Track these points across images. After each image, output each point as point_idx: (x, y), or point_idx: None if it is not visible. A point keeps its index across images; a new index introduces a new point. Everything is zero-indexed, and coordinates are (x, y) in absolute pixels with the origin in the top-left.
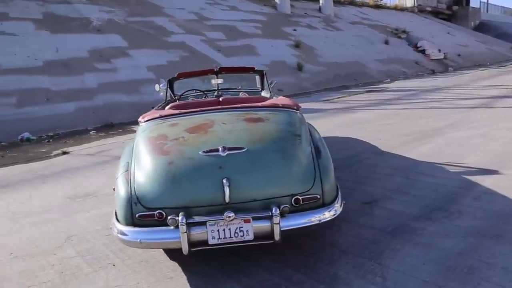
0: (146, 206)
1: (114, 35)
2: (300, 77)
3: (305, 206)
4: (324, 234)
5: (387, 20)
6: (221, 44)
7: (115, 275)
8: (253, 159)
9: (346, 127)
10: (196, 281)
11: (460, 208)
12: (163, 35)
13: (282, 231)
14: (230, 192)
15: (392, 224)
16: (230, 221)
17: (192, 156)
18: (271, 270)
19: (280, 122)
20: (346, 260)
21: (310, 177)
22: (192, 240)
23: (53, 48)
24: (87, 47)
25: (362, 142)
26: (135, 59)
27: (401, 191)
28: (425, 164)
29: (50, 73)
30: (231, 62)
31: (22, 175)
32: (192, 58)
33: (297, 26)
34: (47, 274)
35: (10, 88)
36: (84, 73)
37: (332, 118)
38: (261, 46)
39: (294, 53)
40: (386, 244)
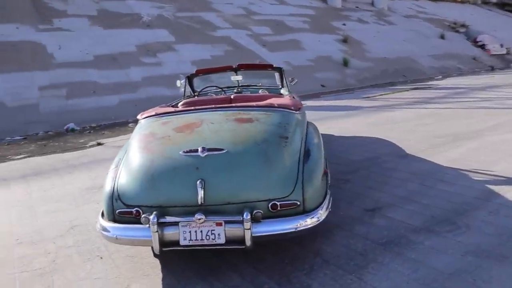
0: (125, 203)
1: (162, 30)
2: (345, 73)
3: (283, 212)
4: (313, 241)
5: (445, 13)
6: (267, 38)
7: (99, 267)
8: (231, 161)
9: (377, 127)
10: (170, 280)
11: (470, 221)
12: (209, 30)
13: (254, 237)
14: (204, 194)
15: (388, 235)
16: (200, 223)
17: (172, 156)
18: (245, 276)
19: (270, 123)
20: (325, 271)
21: (290, 182)
22: (164, 240)
23: (104, 43)
24: (135, 41)
25: (388, 144)
26: (180, 53)
27: (411, 199)
28: (448, 170)
29: (99, 66)
30: (275, 57)
31: (54, 164)
32: (236, 53)
33: (347, 21)
34: (41, 262)
35: (61, 81)
36: (130, 67)
37: (367, 116)
38: (307, 40)
39: (341, 48)
40: (374, 257)
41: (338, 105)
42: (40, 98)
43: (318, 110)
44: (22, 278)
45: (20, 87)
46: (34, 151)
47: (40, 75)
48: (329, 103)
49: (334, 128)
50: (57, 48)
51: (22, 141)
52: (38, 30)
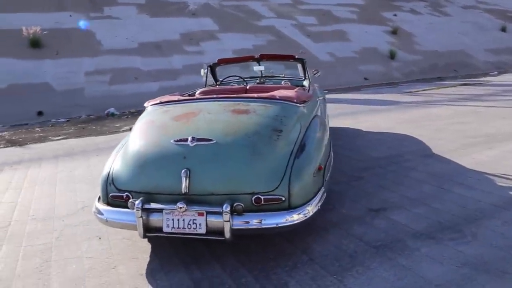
0: (117, 188)
1: (206, 18)
2: (391, 65)
3: (267, 207)
4: (304, 238)
5: (509, 3)
6: (312, 29)
7: (94, 247)
8: (218, 152)
9: (410, 123)
10: (155, 265)
11: (479, 230)
12: (254, 19)
13: (234, 229)
14: (189, 183)
15: (384, 238)
16: (182, 212)
17: (163, 144)
18: (226, 267)
19: (266, 115)
20: (308, 270)
21: (277, 176)
22: (149, 225)
23: (149, 31)
24: (180, 30)
25: (416, 142)
26: (223, 42)
27: (422, 201)
28: (473, 173)
29: (142, 54)
30: (319, 48)
31: (85, 146)
32: (278, 43)
33: (399, 11)
34: (46, 238)
35: (106, 67)
36: (173, 55)
37: (402, 112)
38: (353, 31)
39: (389, 40)
40: (362, 260)
41: (376, 99)
42: (85, 83)
43: (354, 104)
44: (25, 251)
45: (68, 72)
46: (72, 133)
47: (87, 61)
48: (368, 96)
49: (364, 122)
50: (105, 35)
51: (64, 124)
52: (89, 18)
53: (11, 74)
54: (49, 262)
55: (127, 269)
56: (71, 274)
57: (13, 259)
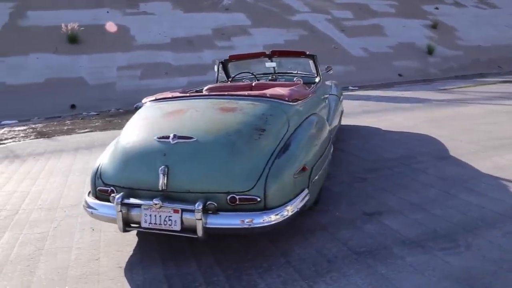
0: (104, 182)
1: (239, 13)
2: (428, 61)
3: (242, 207)
4: (288, 239)
5: None
6: (347, 23)
7: (85, 238)
8: (197, 150)
9: (434, 123)
10: (135, 259)
11: (475, 241)
12: (287, 14)
13: (208, 228)
14: (167, 180)
15: (370, 244)
16: (157, 208)
17: (147, 141)
18: (202, 265)
19: (252, 114)
20: (281, 273)
21: (253, 177)
22: (129, 220)
23: (182, 26)
24: (212, 25)
25: (434, 142)
26: (254, 37)
27: (423, 206)
28: (486, 178)
29: (174, 49)
30: (353, 42)
31: (106, 139)
32: (311, 38)
33: (441, 4)
34: (44, 227)
35: (138, 62)
36: (204, 50)
37: (429, 110)
38: (391, 26)
39: (428, 34)
40: (340, 266)
41: (406, 96)
42: (117, 77)
43: (381, 101)
44: (23, 239)
45: (102, 67)
46: (98, 126)
47: (120, 56)
48: (397, 94)
49: (386, 121)
50: (139, 31)
51: (94, 117)
52: (125, 14)
53: (49, 68)
54: (41, 250)
55: (109, 261)
56: (57, 263)
57: (11, 246)
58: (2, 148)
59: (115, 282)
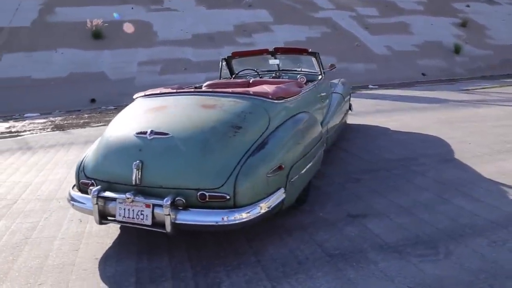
0: (86, 175)
1: (262, 10)
2: (455, 61)
3: (212, 204)
4: (263, 238)
5: None
6: (371, 21)
7: (71, 229)
8: (171, 146)
9: (446, 124)
10: (112, 252)
11: (457, 249)
12: (311, 11)
13: (177, 224)
14: (141, 175)
15: (345, 247)
16: (129, 202)
17: (126, 136)
18: (173, 260)
19: (230, 111)
20: (248, 272)
21: (224, 174)
22: (105, 213)
23: (204, 23)
24: (234, 21)
25: (442, 144)
26: (275, 34)
27: (411, 211)
28: (487, 183)
29: (195, 45)
30: (376, 40)
31: None
32: (333, 35)
33: (472, 1)
34: (36, 217)
35: (159, 58)
36: (224, 46)
37: (445, 111)
38: (417, 24)
39: (456, 33)
40: (308, 268)
41: (424, 96)
42: (137, 72)
43: (397, 101)
44: (14, 227)
45: (123, 62)
46: None
47: (142, 52)
48: (416, 93)
49: (396, 121)
50: (161, 27)
51: (111, 111)
52: (149, 10)
53: (73, 63)
54: (28, 239)
55: (87, 252)
56: (39, 253)
57: (1, 234)
58: (19, 139)
59: (87, 273)
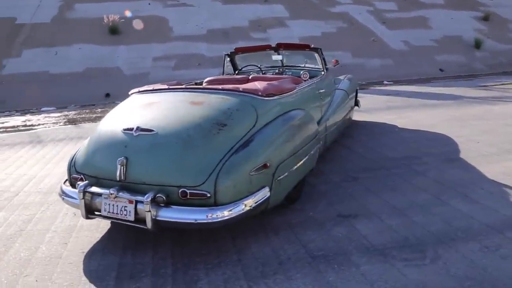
0: (76, 170)
1: (278, 5)
2: (474, 56)
3: (193, 202)
4: (249, 237)
5: None
6: (389, 15)
7: (64, 222)
8: (155, 143)
9: (457, 121)
10: (99, 246)
11: (445, 253)
12: (327, 5)
13: (157, 220)
14: (126, 171)
15: (330, 249)
16: (113, 198)
17: (114, 132)
18: (156, 256)
19: (217, 108)
20: (227, 271)
21: (205, 172)
22: (92, 207)
23: (219, 18)
24: (250, 17)
25: (449, 143)
26: (290, 29)
27: (404, 212)
28: (490, 185)
29: (209, 40)
30: (393, 35)
31: None
32: (349, 30)
33: None
34: (34, 209)
35: (173, 53)
36: (238, 42)
37: (457, 108)
38: (437, 18)
39: (477, 27)
40: (288, 269)
41: (438, 92)
42: (152, 68)
43: (410, 97)
44: (11, 220)
45: (138, 57)
46: None
47: (156, 47)
48: (431, 89)
49: (405, 118)
50: (177, 22)
51: None
52: (165, 6)
53: (90, 58)
54: (23, 231)
55: (75, 245)
56: (30, 245)
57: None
58: (31, 133)
59: (72, 267)
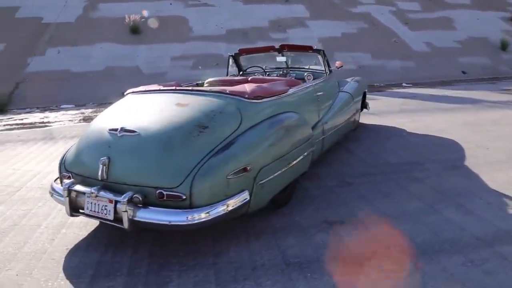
0: (66, 168)
1: (299, 5)
2: (501, 58)
3: (170, 203)
4: (231, 239)
5: None
6: (412, 16)
7: (57, 218)
8: (136, 144)
9: (471, 127)
10: (84, 243)
11: (426, 266)
12: (349, 6)
13: (134, 220)
14: (107, 171)
15: (307, 256)
16: (94, 197)
17: (101, 132)
18: (135, 256)
19: (201, 110)
20: (200, 273)
21: (182, 174)
22: (77, 205)
23: (240, 18)
24: (270, 17)
25: (456, 149)
26: (310, 29)
27: (393, 220)
28: (488, 195)
29: (228, 40)
30: (415, 36)
31: None
32: (370, 31)
33: None
34: (31, 205)
35: (192, 53)
36: (257, 42)
37: (474, 113)
38: (462, 18)
39: (504, 28)
40: (261, 275)
41: (458, 96)
42: (169, 67)
43: (426, 100)
44: (8, 214)
45: (157, 57)
46: None
47: (176, 47)
48: (450, 92)
49: (416, 122)
50: (197, 22)
51: None
52: (186, 6)
53: (110, 57)
54: (16, 226)
55: (61, 242)
56: (20, 239)
57: None
58: (46, 130)
59: (53, 263)
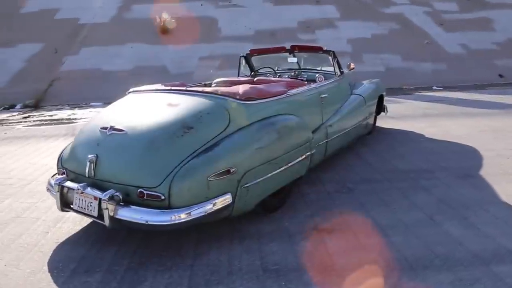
0: (62, 164)
1: (329, 6)
2: None
3: (150, 203)
4: (214, 242)
5: None
6: (448, 16)
7: (56, 213)
8: (122, 143)
9: (494, 133)
10: (75, 238)
11: (408, 283)
12: (381, 6)
13: (116, 218)
14: (94, 168)
15: (287, 264)
16: (80, 193)
17: (92, 129)
18: (118, 253)
19: (188, 110)
20: (175, 275)
21: (162, 174)
22: (67, 201)
23: (269, 19)
24: (299, 17)
25: (472, 157)
26: (340, 30)
27: (387, 231)
28: (496, 208)
29: (256, 41)
30: (450, 38)
31: None
32: (401, 32)
33: None
34: (38, 198)
35: (219, 53)
36: (285, 43)
37: (502, 119)
38: (502, 19)
39: None
40: (235, 280)
41: (488, 100)
42: (196, 67)
43: (453, 104)
44: (14, 206)
45: (185, 57)
46: None
47: (204, 47)
48: (481, 97)
49: (436, 127)
50: (226, 23)
51: None
52: (217, 7)
53: (139, 57)
54: (18, 218)
55: (53, 235)
56: (17, 231)
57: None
58: (70, 126)
59: (41, 255)
